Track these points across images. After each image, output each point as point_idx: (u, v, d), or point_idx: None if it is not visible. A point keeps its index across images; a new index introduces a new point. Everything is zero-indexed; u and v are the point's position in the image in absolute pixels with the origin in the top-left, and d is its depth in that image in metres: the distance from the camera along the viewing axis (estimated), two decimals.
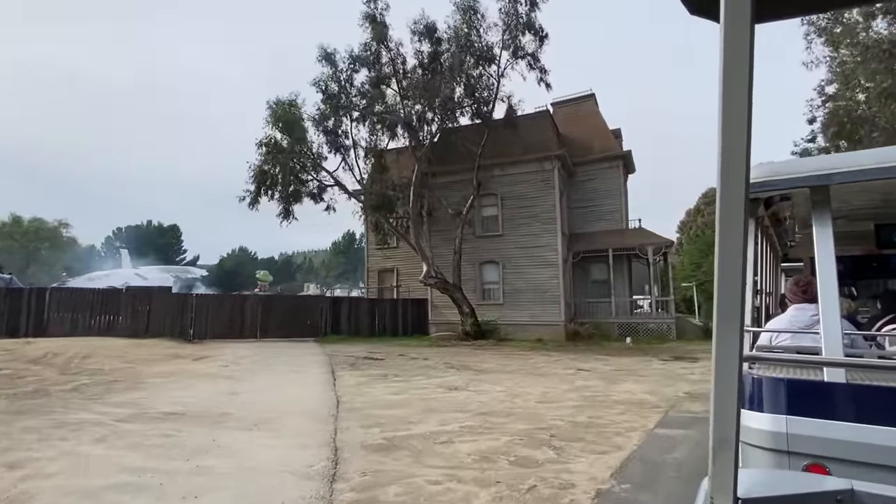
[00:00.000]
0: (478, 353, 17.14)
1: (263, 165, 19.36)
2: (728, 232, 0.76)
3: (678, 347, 18.60)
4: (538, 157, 22.24)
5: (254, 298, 21.45)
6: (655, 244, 22.07)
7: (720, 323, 0.81)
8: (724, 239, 0.77)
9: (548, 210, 22.09)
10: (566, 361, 14.76)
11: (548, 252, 21.95)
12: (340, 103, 20.75)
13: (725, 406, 0.82)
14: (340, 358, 15.18)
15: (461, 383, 10.83)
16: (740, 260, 0.77)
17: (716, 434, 0.83)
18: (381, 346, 19.06)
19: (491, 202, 23.44)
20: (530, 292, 22.18)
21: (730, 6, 0.70)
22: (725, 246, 0.77)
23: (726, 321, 0.81)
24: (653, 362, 14.59)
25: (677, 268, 50.68)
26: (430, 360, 14.77)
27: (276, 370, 12.46)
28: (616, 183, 24.16)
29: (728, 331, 0.81)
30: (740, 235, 0.76)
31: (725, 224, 0.76)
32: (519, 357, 15.91)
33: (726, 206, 0.75)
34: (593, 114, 26.00)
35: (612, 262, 22.60)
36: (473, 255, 23.39)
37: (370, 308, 22.95)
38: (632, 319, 22.40)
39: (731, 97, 0.72)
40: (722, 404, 0.83)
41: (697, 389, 10.15)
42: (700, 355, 16.07)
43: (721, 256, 0.78)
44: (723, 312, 0.80)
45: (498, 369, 13.03)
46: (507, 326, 22.29)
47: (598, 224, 24.42)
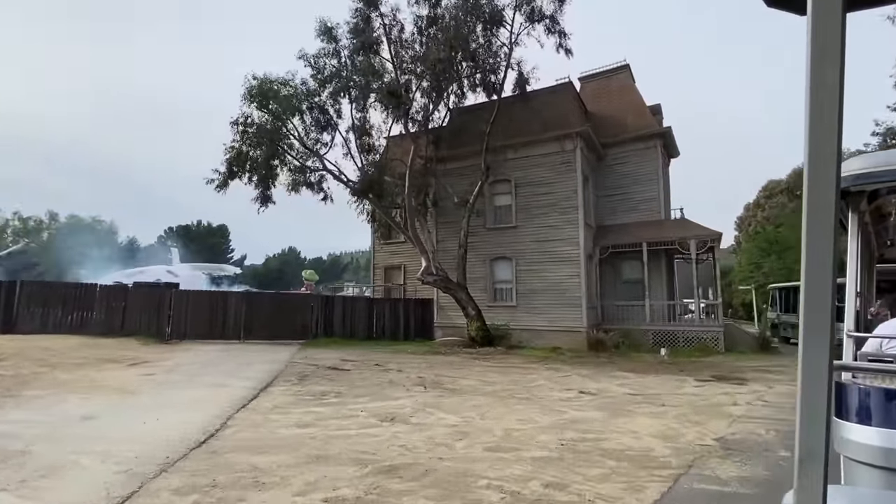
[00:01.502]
0: (472, 364, 14.34)
1: (242, 146, 17.37)
2: (816, 228, 0.73)
3: (724, 363, 15.03)
4: (557, 135, 19.09)
5: (237, 296, 19.56)
6: (700, 237, 18.43)
7: (807, 326, 0.76)
8: (812, 235, 0.73)
9: (568, 197, 18.91)
10: (573, 379, 11.73)
11: (568, 246, 18.78)
12: (330, 79, 18.47)
13: (813, 415, 0.75)
14: (301, 367, 12.82)
15: (409, 410, 8.15)
16: (829, 258, 0.73)
17: (802, 445, 0.75)
18: (368, 352, 16.60)
19: (504, 189, 20.49)
20: (548, 293, 19.08)
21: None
22: (813, 243, 0.73)
23: (814, 324, 0.75)
24: (686, 383, 11.32)
25: (735, 269, 45.61)
26: (404, 373, 12.14)
27: (201, 383, 10.20)
28: (653, 166, 20.61)
29: (816, 334, 0.75)
30: (830, 231, 0.72)
31: (813, 219, 0.73)
32: (518, 371, 12.99)
33: (814, 199, 0.72)
34: (627, 87, 22.50)
35: (646, 258, 19.13)
36: (483, 250, 20.53)
37: (368, 308, 20.56)
38: (669, 326, 18.84)
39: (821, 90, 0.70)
40: (809, 413, 0.75)
41: (739, 433, 7.00)
42: (751, 374, 12.59)
43: (808, 255, 0.74)
44: (810, 315, 0.75)
45: (476, 388, 10.22)
46: (520, 332, 19.29)
47: (632, 214, 20.95)
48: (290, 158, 18.80)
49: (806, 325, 0.75)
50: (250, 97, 17.07)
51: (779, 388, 10.74)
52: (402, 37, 18.27)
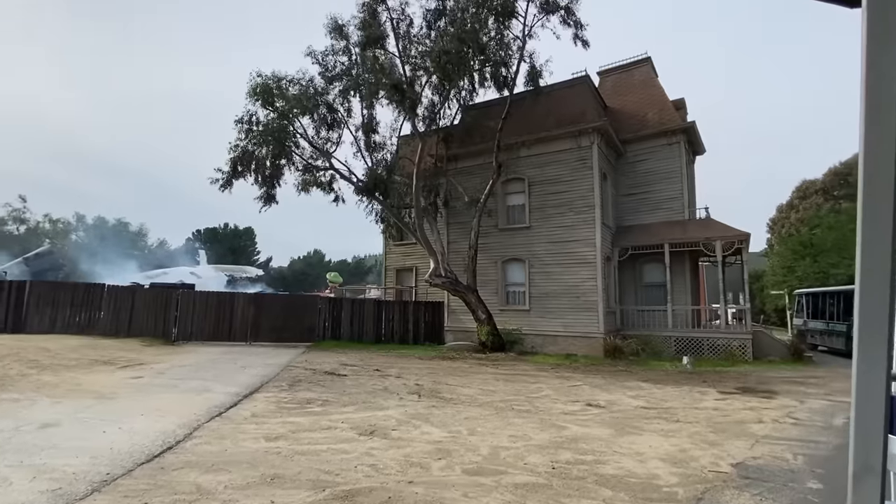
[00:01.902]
0: (478, 371, 13.61)
1: (248, 145, 17.05)
2: (871, 230, 0.70)
3: (752, 373, 13.91)
4: (572, 130, 18.21)
5: (244, 298, 19.25)
6: (726, 238, 17.28)
7: (862, 335, 0.73)
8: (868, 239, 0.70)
9: (584, 196, 18.00)
10: (583, 389, 10.88)
11: (584, 248, 17.86)
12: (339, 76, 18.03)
13: (869, 429, 0.73)
14: (297, 371, 12.30)
15: (394, 422, 7.49)
16: (887, 264, 0.69)
17: (857, 460, 0.74)
18: (372, 355, 16.03)
19: (517, 188, 19.69)
20: (562, 297, 18.18)
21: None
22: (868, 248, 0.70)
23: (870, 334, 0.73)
24: (708, 396, 10.36)
25: (767, 272, 43.60)
26: (402, 379, 11.49)
27: (186, 387, 9.74)
28: (676, 163, 19.50)
29: (872, 343, 0.73)
30: (888, 234, 0.69)
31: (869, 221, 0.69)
32: (525, 379, 12.20)
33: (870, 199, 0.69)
34: (648, 81, 21.44)
35: (668, 260, 18.06)
36: (495, 252, 19.77)
37: (376, 311, 20.00)
38: (693, 333, 17.71)
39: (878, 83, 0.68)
40: (864, 427, 0.73)
41: (762, 457, 6.11)
42: (781, 387, 11.51)
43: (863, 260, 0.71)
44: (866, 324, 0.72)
45: (474, 398, 9.49)
46: (534, 337, 18.45)
47: (654, 214, 19.88)
48: (298, 157, 18.42)
49: (861, 334, 0.72)
50: (254, 94, 16.76)
51: (811, 403, 9.68)
52: (410, 31, 17.71)
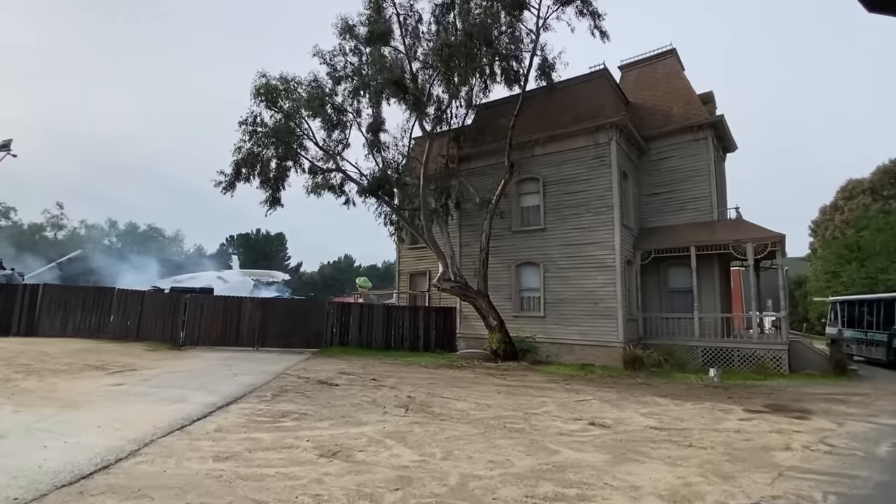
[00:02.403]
0: (482, 382, 12.77)
1: (254, 147, 16.75)
2: None
3: (786, 389, 12.59)
4: (589, 127, 17.20)
5: (252, 302, 18.93)
6: (758, 240, 15.91)
7: None
8: None
9: (602, 196, 16.94)
10: (591, 405, 9.93)
11: (602, 251, 16.78)
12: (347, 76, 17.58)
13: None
14: (290, 380, 11.75)
15: (365, 441, 6.78)
16: None
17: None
18: (377, 363, 15.39)
19: (531, 189, 18.77)
20: (579, 303, 17.13)
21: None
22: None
23: None
24: (731, 414, 9.25)
25: (810, 278, 41.03)
26: (396, 390, 10.78)
27: (163, 396, 9.28)
28: (703, 160, 18.20)
29: None
30: None
31: None
32: (531, 392, 11.30)
33: None
34: (673, 74, 20.19)
35: (695, 264, 16.78)
36: (509, 255, 18.88)
37: (385, 317, 19.37)
38: (722, 343, 16.36)
39: None
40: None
41: (783, 496, 5.10)
42: (818, 405, 10.25)
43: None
44: None
45: (466, 414, 8.69)
46: (549, 346, 17.46)
47: (679, 215, 18.61)
48: (305, 159, 18.06)
49: None
50: (257, 95, 16.45)
51: (851, 426, 8.45)
52: (418, 28, 17.10)
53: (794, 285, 46.16)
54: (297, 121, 17.28)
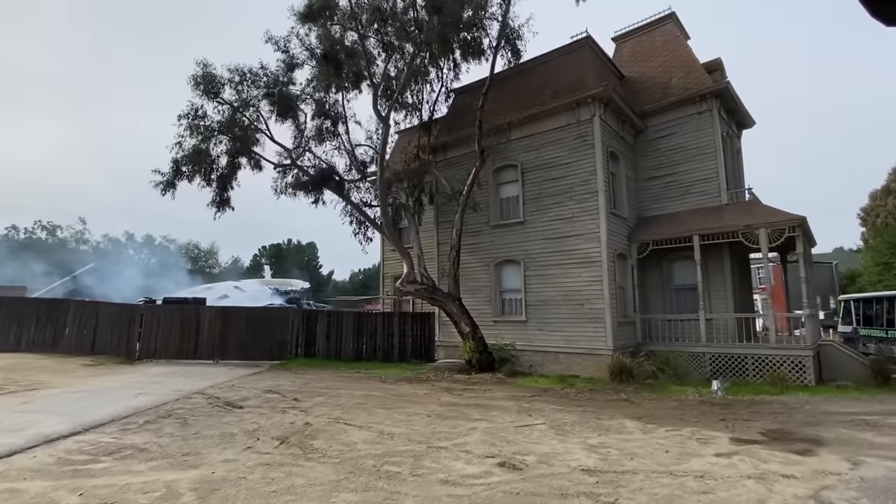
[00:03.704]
0: (426, 401, 10.84)
1: (200, 144, 15.40)
2: None
3: (803, 406, 10.04)
4: (569, 102, 15.00)
5: (211, 312, 17.60)
6: (772, 225, 13.30)
7: None
8: None
9: (586, 180, 14.70)
10: (531, 433, 7.86)
11: (586, 244, 14.52)
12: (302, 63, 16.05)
13: None
14: (194, 401, 10.18)
15: (160, 495, 5.01)
16: None
17: None
18: (327, 377, 13.68)
19: (510, 177, 16.67)
20: (563, 305, 14.90)
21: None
22: None
23: None
24: (709, 447, 7.01)
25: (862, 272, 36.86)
26: (305, 414, 9.02)
27: (6, 426, 7.82)
28: (708, 136, 15.66)
29: None
30: None
31: None
32: (470, 415, 9.30)
33: None
34: (672, 41, 17.68)
35: (699, 256, 14.30)
36: (488, 253, 16.82)
37: (356, 324, 17.64)
38: (734, 349, 13.77)
39: None
40: None
41: None
42: (834, 431, 7.82)
43: None
44: None
45: (349, 448, 6.82)
46: (532, 354, 15.30)
47: (683, 201, 16.09)
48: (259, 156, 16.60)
49: None
50: (196, 85, 15.10)
51: (872, 466, 6.08)
52: None
53: (847, 281, 41.70)
54: (247, 113, 15.89)
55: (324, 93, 16.23)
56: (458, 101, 18.52)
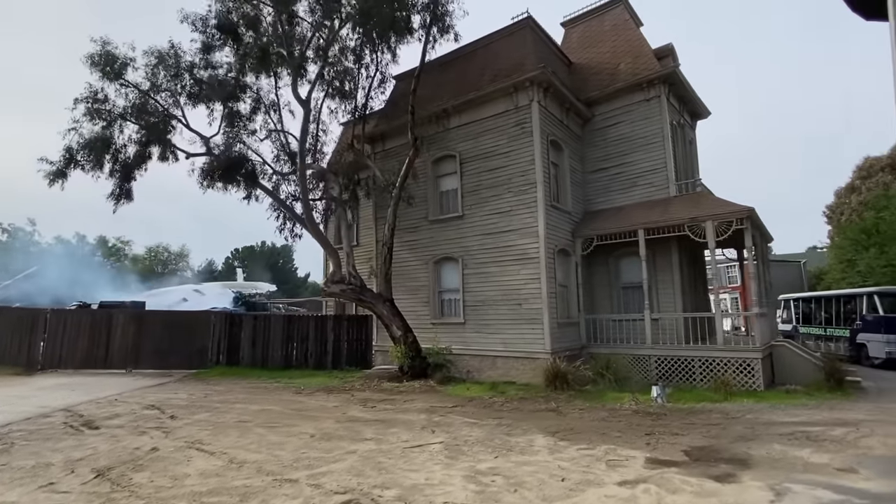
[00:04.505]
0: (331, 413, 9.61)
1: (105, 130, 13.91)
2: None
3: (744, 416, 9.03)
4: (506, 87, 13.91)
5: (124, 315, 16.06)
6: (719, 217, 12.36)
7: None
8: None
9: (524, 171, 13.62)
10: (417, 457, 6.69)
11: (524, 239, 13.43)
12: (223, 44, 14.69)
13: None
14: (51, 420, 8.74)
15: None
16: None
17: None
18: (237, 388, 12.36)
19: (449, 168, 15.52)
20: (501, 305, 13.78)
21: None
22: None
23: None
24: (616, 472, 5.91)
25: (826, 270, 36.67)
26: (166, 436, 7.67)
27: None
28: (656, 124, 14.72)
29: None
30: None
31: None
32: (362, 433, 8.10)
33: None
34: (622, 26, 16.75)
35: (644, 251, 13.30)
36: (427, 250, 15.61)
37: (286, 329, 16.27)
38: (682, 350, 12.79)
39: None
40: None
41: None
42: (768, 448, 6.80)
43: None
44: None
45: (179, 484, 5.53)
46: (470, 359, 14.14)
47: (630, 193, 15.11)
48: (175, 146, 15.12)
49: None
50: (93, 64, 13.60)
51: (798, 496, 5.01)
52: None
53: (816, 279, 41.58)
54: (160, 98, 14.45)
55: (239, 74, 14.85)
56: (398, 89, 17.29)
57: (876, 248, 26.96)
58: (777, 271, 38.10)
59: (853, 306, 18.14)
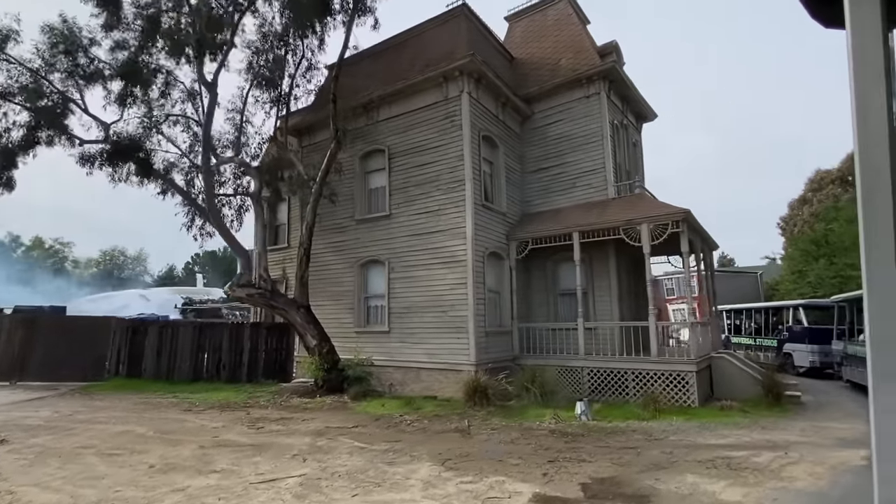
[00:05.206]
0: (215, 433, 8.28)
1: None
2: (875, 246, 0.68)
3: (667, 437, 8.10)
4: (435, 76, 12.92)
5: (11, 320, 14.34)
6: (654, 219, 11.58)
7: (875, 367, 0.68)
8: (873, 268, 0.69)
9: (453, 167, 12.63)
10: (274, 495, 5.46)
11: (452, 241, 12.40)
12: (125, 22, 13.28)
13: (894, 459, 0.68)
14: None
15: None
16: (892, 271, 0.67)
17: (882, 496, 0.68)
18: (122, 404, 10.90)
19: (378, 164, 14.41)
20: (427, 312, 12.67)
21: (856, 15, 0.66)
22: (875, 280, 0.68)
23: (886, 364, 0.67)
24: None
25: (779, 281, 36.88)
26: None
27: None
28: (596, 123, 13.96)
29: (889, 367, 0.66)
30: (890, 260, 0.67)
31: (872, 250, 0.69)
32: (238, 459, 6.86)
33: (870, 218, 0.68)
34: (564, 20, 16.05)
35: (578, 255, 12.39)
36: (353, 252, 14.40)
37: (196, 338, 14.78)
38: (616, 363, 11.88)
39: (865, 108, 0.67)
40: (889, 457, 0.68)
41: None
42: (678, 480, 5.85)
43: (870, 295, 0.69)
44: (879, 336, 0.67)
45: None
46: (394, 371, 12.95)
47: (570, 194, 14.27)
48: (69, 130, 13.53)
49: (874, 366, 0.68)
50: None
51: None
52: None
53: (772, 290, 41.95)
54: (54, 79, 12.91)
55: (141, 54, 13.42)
56: (330, 80, 16.13)
57: (825, 259, 27.02)
58: (735, 282, 38.20)
59: (780, 318, 18.96)
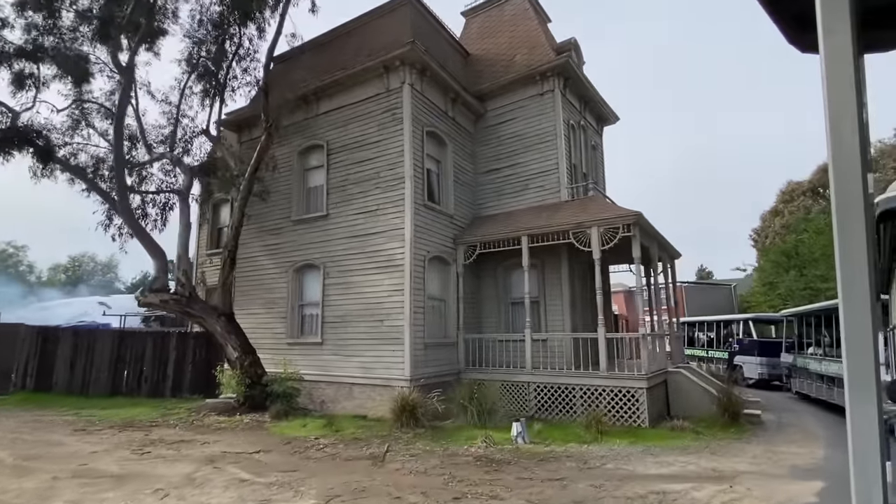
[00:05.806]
0: (85, 460, 7.07)
1: None
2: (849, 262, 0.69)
3: (603, 465, 7.13)
4: (375, 66, 11.99)
5: None
6: (605, 222, 10.72)
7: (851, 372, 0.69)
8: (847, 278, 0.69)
9: (393, 164, 11.67)
10: None
11: (390, 243, 11.39)
12: None
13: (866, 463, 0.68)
14: None
15: None
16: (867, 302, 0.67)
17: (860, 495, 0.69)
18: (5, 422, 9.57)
19: (317, 161, 13.38)
20: (362, 322, 11.60)
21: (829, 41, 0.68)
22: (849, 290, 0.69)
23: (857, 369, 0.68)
24: None
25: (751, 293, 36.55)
26: None
27: None
28: (549, 121, 13.15)
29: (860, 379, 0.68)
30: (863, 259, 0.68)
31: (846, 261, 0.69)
32: (72, 493, 5.66)
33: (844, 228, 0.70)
34: (521, 15, 15.29)
35: (527, 261, 11.46)
36: (288, 256, 13.29)
37: (116, 348, 13.49)
38: (560, 378, 10.93)
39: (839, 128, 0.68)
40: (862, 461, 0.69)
41: None
42: None
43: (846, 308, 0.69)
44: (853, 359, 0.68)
45: None
46: (325, 386, 11.83)
47: (522, 197, 13.38)
48: None
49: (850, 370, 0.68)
50: None
51: None
52: None
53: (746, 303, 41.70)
54: None
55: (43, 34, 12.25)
56: (277, 71, 15.12)
57: (796, 271, 26.62)
58: (709, 295, 37.80)
59: (731, 331, 19.14)
